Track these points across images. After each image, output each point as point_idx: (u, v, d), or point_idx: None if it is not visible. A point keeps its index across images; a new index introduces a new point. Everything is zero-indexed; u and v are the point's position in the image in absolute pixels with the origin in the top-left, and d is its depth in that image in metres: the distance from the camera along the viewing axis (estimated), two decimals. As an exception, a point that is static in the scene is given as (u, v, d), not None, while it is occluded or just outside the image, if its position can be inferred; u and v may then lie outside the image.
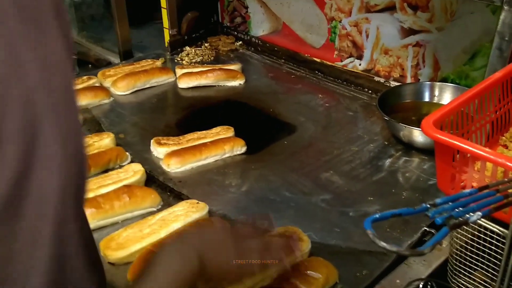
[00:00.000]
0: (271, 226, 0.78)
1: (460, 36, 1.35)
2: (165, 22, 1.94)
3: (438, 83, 1.38)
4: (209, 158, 1.22)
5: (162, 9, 1.92)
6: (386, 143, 1.32)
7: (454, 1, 1.33)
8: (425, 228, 0.99)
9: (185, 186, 1.16)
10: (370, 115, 1.46)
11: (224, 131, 1.31)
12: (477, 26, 1.31)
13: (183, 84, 1.62)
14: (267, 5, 1.86)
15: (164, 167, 1.20)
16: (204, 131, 1.31)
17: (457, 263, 0.85)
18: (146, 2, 2.09)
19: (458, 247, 0.84)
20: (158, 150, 1.23)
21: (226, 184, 1.17)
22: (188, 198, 1.10)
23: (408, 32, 1.46)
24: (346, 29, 1.62)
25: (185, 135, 1.29)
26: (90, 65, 1.95)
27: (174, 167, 1.19)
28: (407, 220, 1.03)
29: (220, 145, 1.23)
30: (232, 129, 1.33)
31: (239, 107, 1.53)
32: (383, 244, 0.45)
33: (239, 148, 1.26)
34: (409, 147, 1.27)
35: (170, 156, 1.20)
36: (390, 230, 1.01)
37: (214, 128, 1.33)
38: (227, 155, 1.25)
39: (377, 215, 0.48)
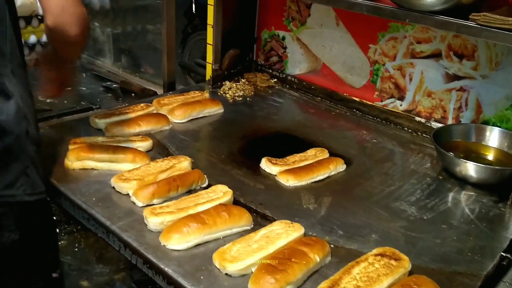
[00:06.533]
0: None
1: (503, 83, 1.49)
2: (209, 57, 2.03)
3: (488, 126, 1.50)
4: (319, 176, 1.36)
5: (208, 45, 2.01)
6: (441, 177, 1.41)
7: (500, 53, 1.47)
8: (501, 253, 1.08)
9: (266, 208, 1.21)
10: (416, 151, 1.57)
11: (320, 153, 1.45)
12: (521, 75, 1.45)
13: None
14: (307, 46, 1.98)
15: (283, 181, 1.33)
16: (302, 154, 1.45)
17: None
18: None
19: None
20: (272, 168, 1.37)
21: (304, 208, 1.23)
22: (274, 219, 1.16)
23: (452, 77, 1.59)
24: (389, 72, 1.74)
25: (287, 157, 1.42)
26: (133, 94, 2.00)
27: (292, 182, 1.32)
28: (483, 245, 1.12)
29: (326, 165, 1.39)
30: (327, 150, 1.48)
31: (289, 138, 1.61)
32: None
33: (341, 166, 1.42)
34: (463, 182, 1.37)
35: (287, 173, 1.34)
36: (471, 254, 1.09)
37: (309, 150, 1.47)
38: (332, 173, 1.39)
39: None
